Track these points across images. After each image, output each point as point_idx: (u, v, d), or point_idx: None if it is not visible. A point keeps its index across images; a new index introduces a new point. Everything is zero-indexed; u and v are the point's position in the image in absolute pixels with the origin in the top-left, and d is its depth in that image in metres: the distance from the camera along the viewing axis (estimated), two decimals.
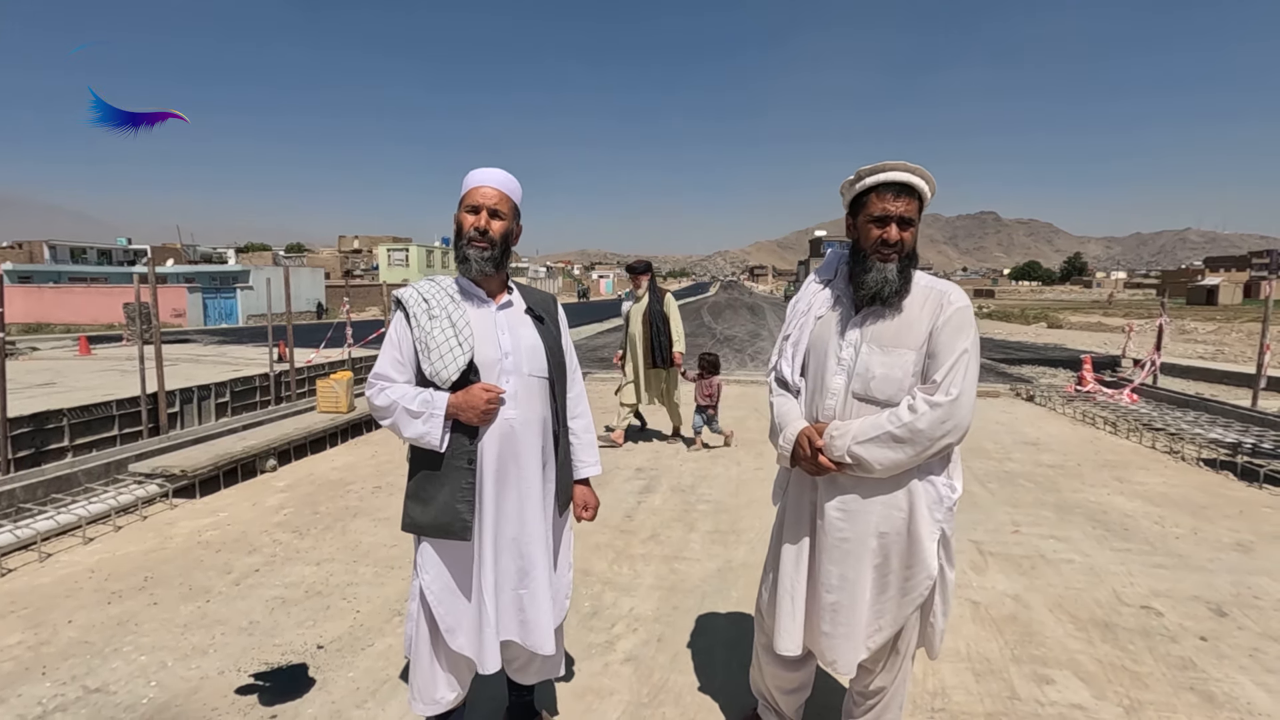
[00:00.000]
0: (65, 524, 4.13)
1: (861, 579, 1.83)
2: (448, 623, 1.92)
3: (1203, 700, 2.49)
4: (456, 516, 1.87)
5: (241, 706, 2.47)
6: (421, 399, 1.85)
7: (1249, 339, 18.14)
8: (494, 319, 1.96)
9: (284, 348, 9.07)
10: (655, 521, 4.44)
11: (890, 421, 1.70)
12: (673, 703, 2.50)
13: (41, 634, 2.99)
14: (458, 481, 1.87)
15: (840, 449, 1.75)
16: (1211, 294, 49.71)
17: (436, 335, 1.87)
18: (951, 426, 1.69)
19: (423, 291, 1.94)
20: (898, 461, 1.71)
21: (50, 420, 6.01)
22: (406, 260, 52.41)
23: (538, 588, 1.95)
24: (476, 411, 1.84)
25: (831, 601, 1.86)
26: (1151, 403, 8.35)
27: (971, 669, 2.70)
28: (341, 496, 5.00)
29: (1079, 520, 4.42)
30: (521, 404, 1.93)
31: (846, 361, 1.83)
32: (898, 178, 1.78)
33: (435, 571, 1.93)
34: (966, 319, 1.75)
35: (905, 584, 1.82)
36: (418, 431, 1.85)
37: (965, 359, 1.71)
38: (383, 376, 1.92)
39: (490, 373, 1.90)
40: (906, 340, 1.77)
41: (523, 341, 1.97)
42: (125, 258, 58.44)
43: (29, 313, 30.42)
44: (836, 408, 1.83)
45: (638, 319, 6.35)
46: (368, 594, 3.38)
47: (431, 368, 1.86)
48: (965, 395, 1.69)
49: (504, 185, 1.96)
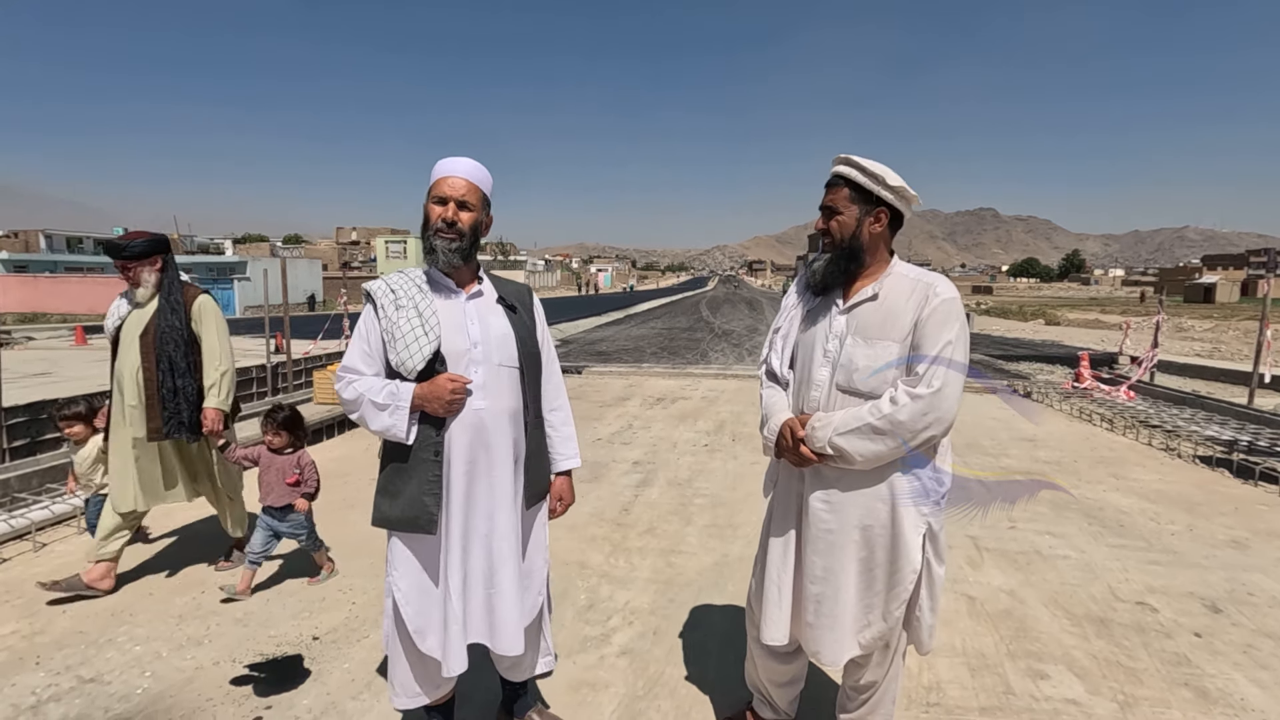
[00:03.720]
0: (60, 514, 4.12)
1: (846, 570, 1.83)
2: (417, 624, 1.89)
3: (1197, 696, 2.50)
4: (423, 509, 1.84)
5: (236, 697, 2.47)
6: (387, 391, 1.82)
7: (1246, 337, 18.18)
8: (463, 309, 1.93)
9: (281, 339, 9.04)
10: (652, 515, 4.44)
11: (871, 413, 1.70)
12: (668, 695, 2.51)
13: (36, 623, 2.98)
14: (425, 474, 1.85)
15: (821, 440, 1.76)
16: (1209, 292, 49.79)
17: (402, 325, 1.85)
18: (933, 419, 1.67)
19: (391, 283, 1.92)
20: (878, 453, 1.71)
21: (46, 410, 5.99)
22: (404, 252, 52.12)
23: (506, 587, 1.91)
24: (441, 402, 1.81)
25: (816, 593, 1.87)
26: (1148, 400, 8.37)
27: (967, 664, 2.71)
28: (338, 488, 4.99)
29: (1075, 516, 4.43)
30: (491, 394, 1.90)
31: (832, 353, 1.84)
32: (831, 170, 1.86)
33: (404, 569, 1.90)
34: (952, 311, 1.73)
35: (890, 578, 1.81)
36: (384, 424, 1.82)
37: (949, 351, 1.70)
38: (350, 369, 1.89)
39: (459, 363, 1.87)
40: (890, 333, 1.77)
41: (492, 331, 1.94)
42: None
43: (24, 302, 30.20)
44: (821, 399, 1.84)
45: (132, 342, 3.23)
46: (363, 585, 3.37)
47: (397, 358, 1.84)
48: (948, 388, 1.68)
49: (472, 175, 1.93)
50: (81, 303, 32.95)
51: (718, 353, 14.44)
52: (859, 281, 1.86)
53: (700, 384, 10.09)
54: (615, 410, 7.99)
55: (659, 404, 8.43)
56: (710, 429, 7.01)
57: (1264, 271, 8.83)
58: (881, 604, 1.83)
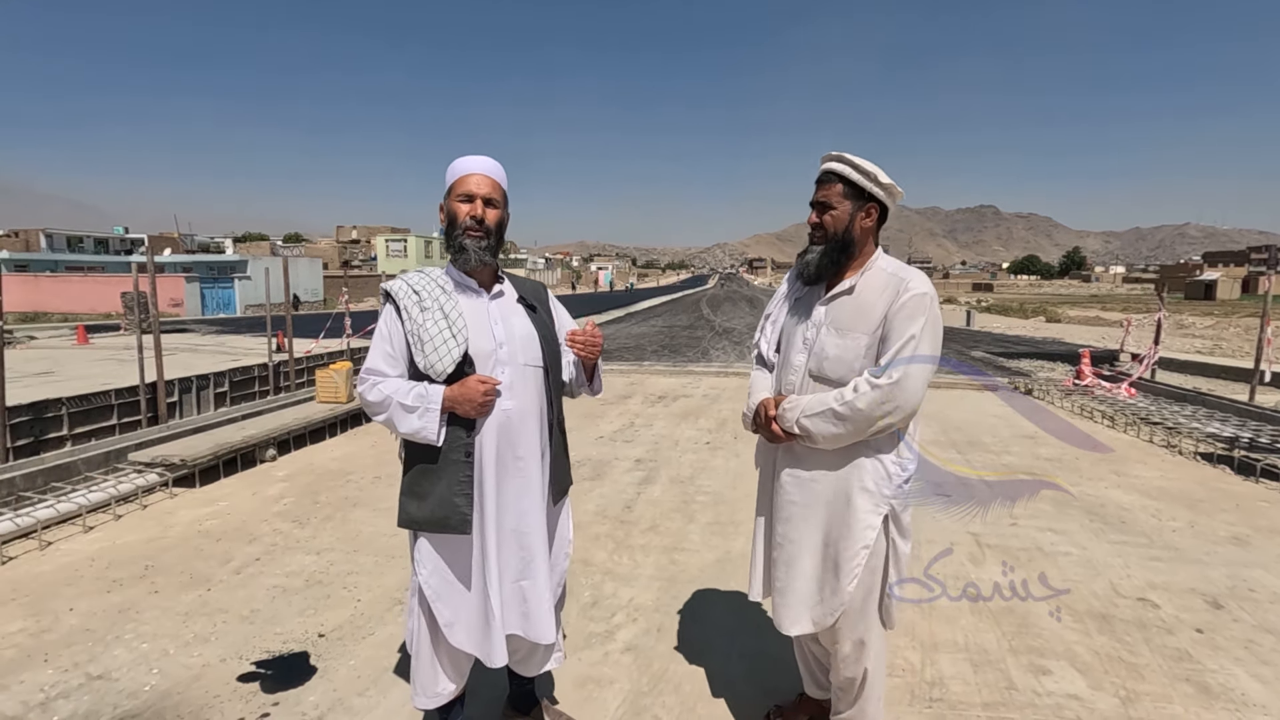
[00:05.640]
0: (65, 512, 4.14)
1: (805, 543, 1.96)
2: (446, 618, 1.91)
3: (1198, 691, 2.51)
4: (455, 510, 1.85)
5: (243, 694, 2.49)
6: (416, 393, 1.82)
7: (1247, 334, 18.18)
8: (487, 309, 1.94)
9: (283, 338, 9.05)
10: (655, 513, 4.46)
11: (835, 399, 1.83)
12: (672, 691, 2.52)
13: (43, 621, 3.00)
14: (455, 475, 1.86)
15: (790, 420, 1.90)
16: (1210, 289, 49.76)
17: (430, 328, 1.84)
18: (892, 408, 1.78)
19: (412, 283, 1.91)
20: (838, 435, 1.84)
21: (49, 409, 6.01)
22: (405, 251, 52.25)
23: (539, 578, 1.94)
24: (474, 404, 1.82)
25: (777, 558, 2.02)
26: (1149, 397, 8.37)
27: (969, 659, 2.72)
28: (341, 486, 5.01)
29: (1076, 513, 4.44)
30: (518, 394, 1.91)
31: (809, 341, 1.97)
32: (822, 167, 1.94)
33: (433, 566, 1.92)
34: (921, 305, 1.82)
35: (841, 554, 1.90)
36: (413, 426, 1.82)
37: (913, 344, 1.79)
38: (375, 371, 1.89)
39: (485, 364, 1.88)
40: (861, 325, 1.88)
41: (517, 331, 1.95)
42: (122, 247, 58.23)
43: (26, 301, 30.31)
44: (797, 383, 1.98)
45: None
46: (368, 583, 3.39)
47: (425, 361, 1.84)
48: (909, 380, 1.77)
49: (495, 173, 1.94)
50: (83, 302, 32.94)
51: (719, 350, 14.45)
52: (845, 273, 1.97)
53: (702, 382, 10.10)
54: (617, 409, 8.00)
55: (660, 402, 8.44)
56: (712, 427, 7.02)
57: (1265, 268, 8.83)
58: (832, 581, 1.92)
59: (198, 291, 31.55)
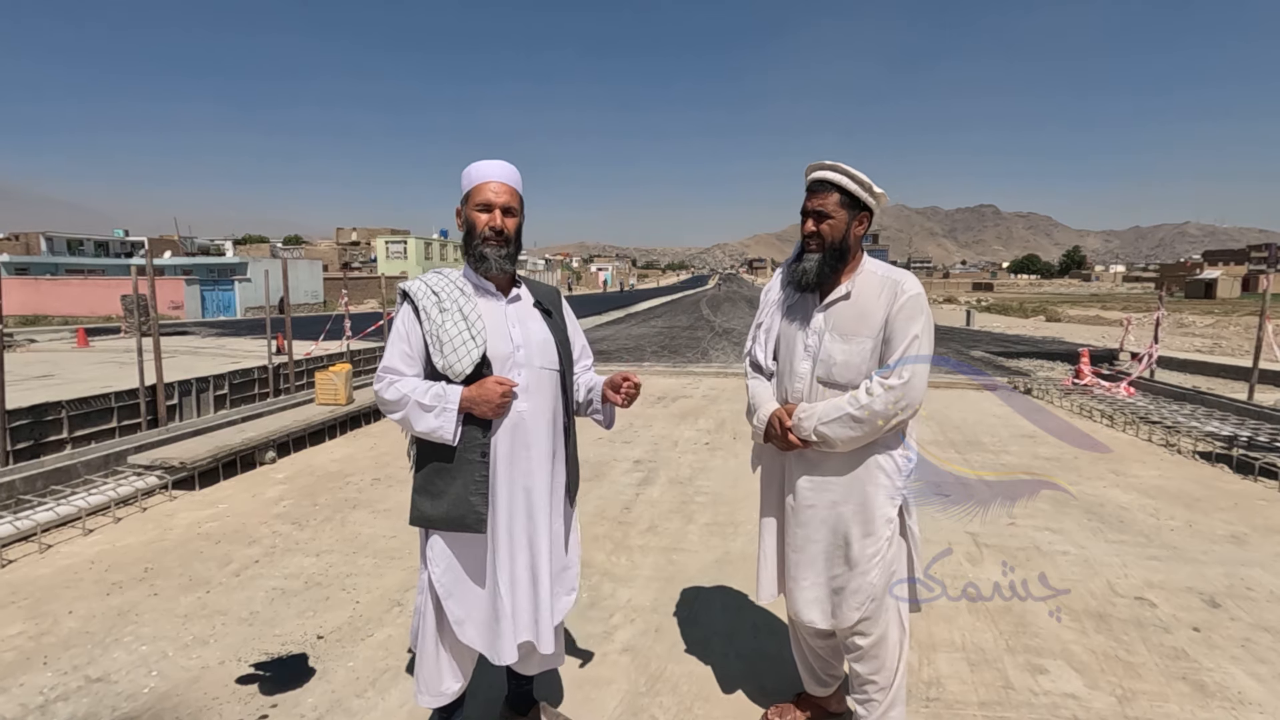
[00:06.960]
0: (65, 515, 4.14)
1: (825, 541, 2.01)
2: (457, 615, 1.93)
3: (1195, 690, 2.52)
4: (471, 509, 1.87)
5: (242, 696, 2.49)
6: (434, 393, 1.84)
7: (1246, 333, 18.18)
8: (504, 312, 1.97)
9: (282, 340, 9.06)
10: (653, 513, 4.46)
11: (850, 404, 1.89)
12: (670, 692, 2.53)
13: (42, 624, 3.01)
14: (471, 474, 1.88)
15: (807, 429, 1.94)
16: (1210, 287, 49.71)
17: (449, 329, 1.86)
18: (904, 405, 1.87)
19: (431, 284, 1.93)
20: (856, 438, 1.90)
21: (49, 412, 6.01)
22: (405, 252, 52.28)
23: (545, 582, 1.96)
24: (491, 405, 1.84)
25: (797, 560, 2.06)
26: (1148, 396, 8.38)
27: (966, 659, 2.72)
28: (340, 488, 5.02)
29: (1074, 512, 4.45)
30: (533, 396, 1.94)
31: (812, 348, 2.01)
32: (815, 175, 1.98)
33: (446, 564, 1.94)
34: (918, 306, 1.91)
35: (864, 550, 1.96)
36: (430, 425, 1.84)
37: (916, 344, 1.89)
38: (392, 370, 1.91)
39: (502, 366, 1.90)
40: (864, 329, 1.94)
41: (533, 335, 1.98)
42: (122, 249, 58.23)
43: (26, 304, 30.33)
44: (804, 390, 2.02)
45: None
46: (367, 585, 3.40)
47: (444, 361, 1.85)
48: (916, 378, 1.87)
49: (512, 179, 1.96)
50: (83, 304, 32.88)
51: (718, 351, 14.46)
52: (839, 279, 2.01)
53: (701, 382, 10.10)
54: None
55: (660, 402, 8.45)
56: (711, 427, 7.02)
57: (1265, 267, 8.84)
58: (858, 576, 1.97)
59: (197, 294, 31.58)
